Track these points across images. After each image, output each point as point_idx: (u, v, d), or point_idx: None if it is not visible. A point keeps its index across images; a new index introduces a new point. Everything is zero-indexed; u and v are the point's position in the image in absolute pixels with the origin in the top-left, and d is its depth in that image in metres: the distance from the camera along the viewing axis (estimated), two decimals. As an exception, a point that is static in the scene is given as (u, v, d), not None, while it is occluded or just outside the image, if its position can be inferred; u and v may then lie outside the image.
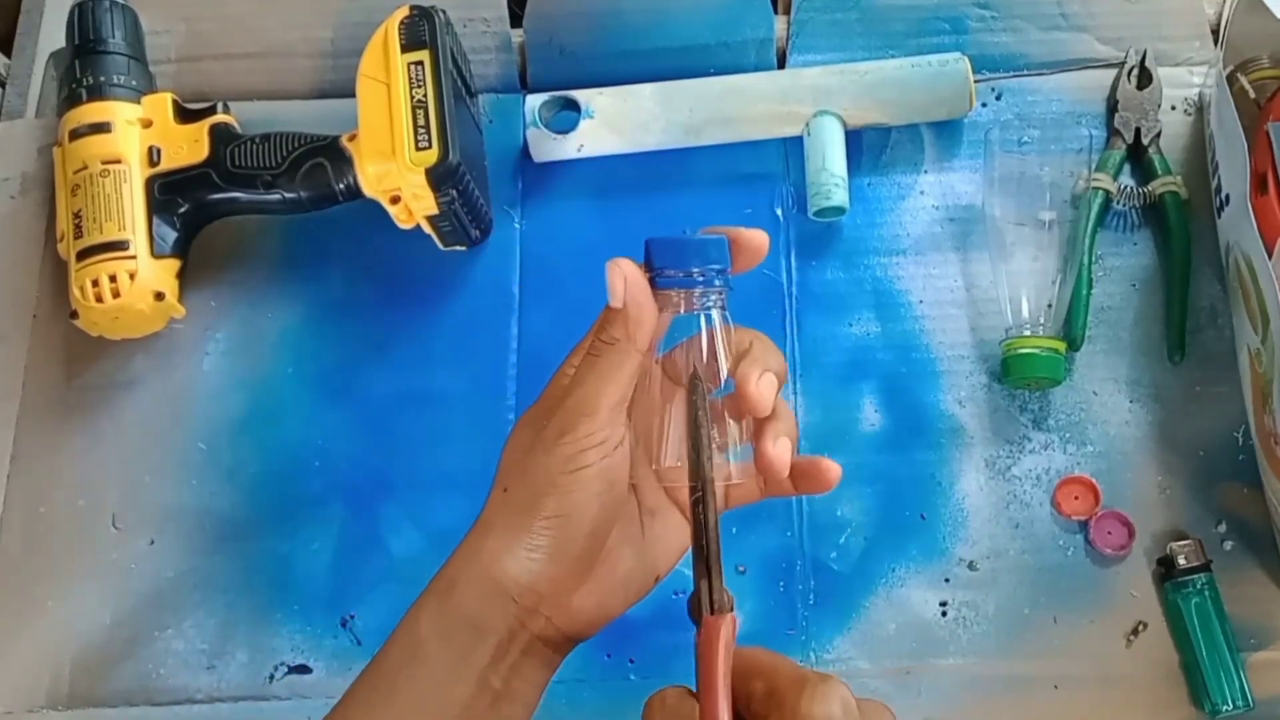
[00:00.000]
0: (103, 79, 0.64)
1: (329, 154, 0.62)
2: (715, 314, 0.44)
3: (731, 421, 0.45)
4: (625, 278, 0.42)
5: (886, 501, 0.62)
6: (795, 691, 0.37)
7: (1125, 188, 0.66)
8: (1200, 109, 0.69)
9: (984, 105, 0.70)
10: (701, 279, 0.43)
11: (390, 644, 0.44)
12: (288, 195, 0.63)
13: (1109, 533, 0.60)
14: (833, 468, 0.47)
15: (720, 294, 0.44)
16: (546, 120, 0.68)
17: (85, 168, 0.63)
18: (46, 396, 0.65)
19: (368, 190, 0.62)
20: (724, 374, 0.44)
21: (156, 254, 0.63)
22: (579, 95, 0.67)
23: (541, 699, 0.45)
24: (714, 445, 0.43)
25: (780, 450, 0.44)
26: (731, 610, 0.41)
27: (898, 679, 0.59)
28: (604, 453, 0.43)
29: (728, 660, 0.39)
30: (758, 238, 0.45)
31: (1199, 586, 0.58)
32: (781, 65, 0.71)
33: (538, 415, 0.45)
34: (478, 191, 0.64)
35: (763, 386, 0.43)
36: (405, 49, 0.61)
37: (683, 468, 0.43)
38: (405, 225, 0.63)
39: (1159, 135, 0.67)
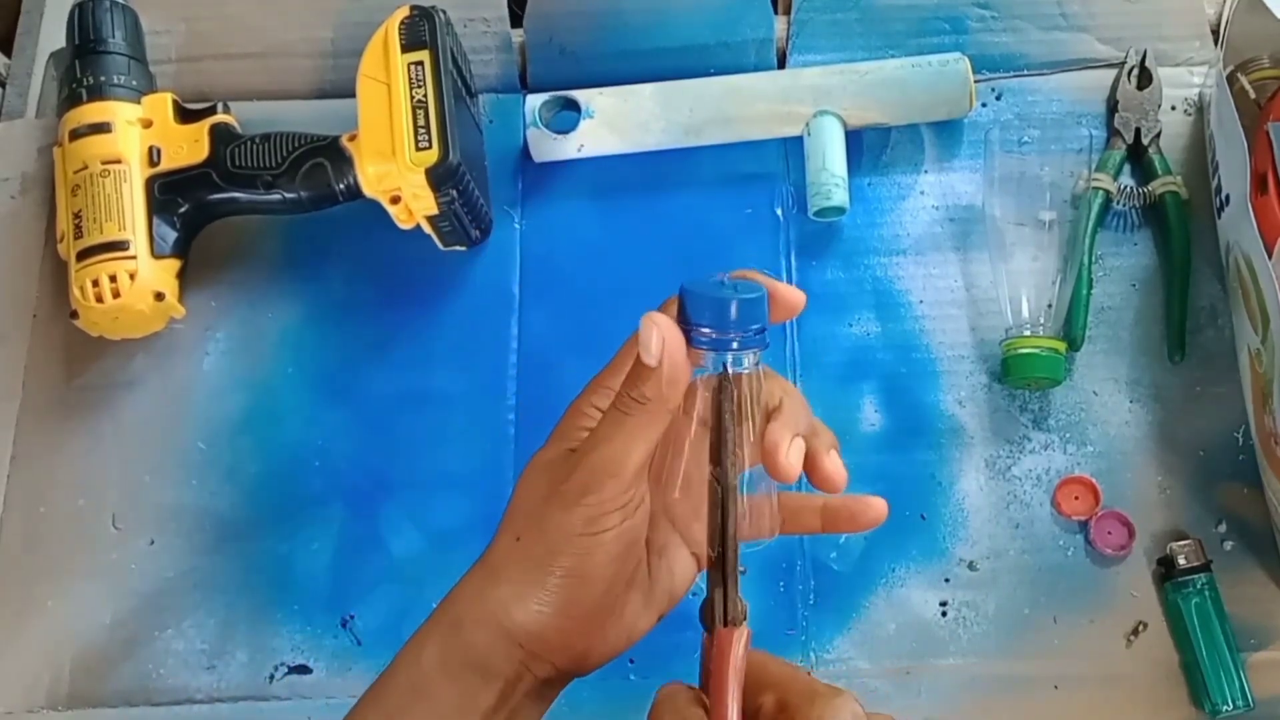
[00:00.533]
0: (103, 79, 0.64)
1: (329, 154, 0.62)
2: (749, 372, 0.42)
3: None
4: (664, 338, 0.40)
5: (886, 501, 0.62)
6: (806, 706, 0.37)
7: (1125, 188, 0.66)
8: (1200, 109, 0.69)
9: (984, 105, 0.70)
10: (739, 343, 0.41)
11: (393, 675, 0.44)
12: (288, 195, 0.63)
13: (1109, 533, 0.60)
14: (880, 503, 0.46)
15: (757, 353, 0.42)
16: (546, 120, 0.68)
17: (85, 168, 0.63)
18: (46, 396, 0.65)
19: (368, 190, 0.62)
20: (754, 431, 0.43)
21: (156, 254, 0.63)
22: (579, 95, 0.67)
23: None
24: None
25: (836, 464, 0.44)
26: (745, 620, 0.41)
27: (898, 679, 0.59)
28: (626, 515, 0.42)
29: (739, 676, 0.39)
30: (795, 297, 0.43)
31: (1199, 586, 0.58)
32: (781, 65, 0.71)
33: (555, 462, 0.43)
34: (478, 191, 0.64)
35: (793, 456, 0.42)
36: (405, 49, 0.61)
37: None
38: (405, 225, 0.63)
39: (1159, 135, 0.67)
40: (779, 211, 0.68)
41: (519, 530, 0.43)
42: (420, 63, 0.61)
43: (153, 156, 0.63)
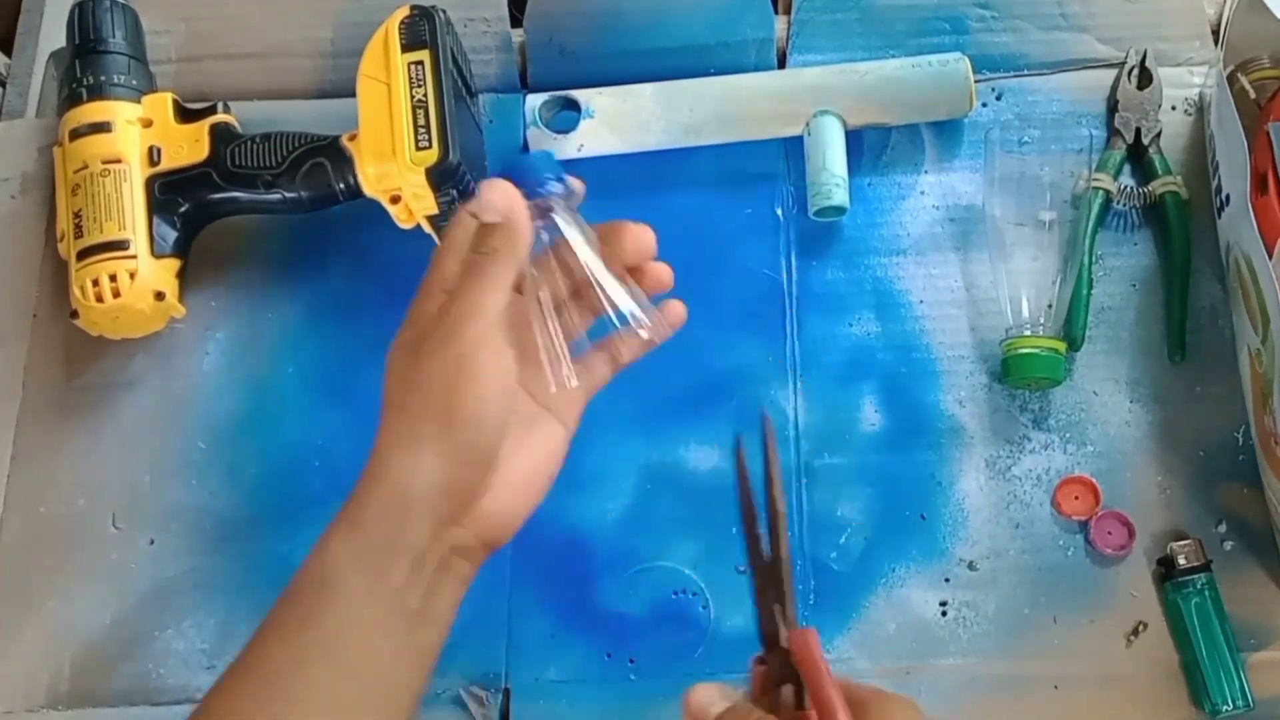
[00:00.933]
0: (103, 79, 0.64)
1: (329, 154, 0.62)
2: (565, 216, 0.48)
3: (573, 312, 0.49)
4: (504, 193, 0.45)
5: (886, 501, 0.62)
6: (876, 705, 0.39)
7: (1125, 188, 0.66)
8: (1200, 109, 0.69)
9: (984, 105, 0.70)
10: (544, 187, 0.47)
11: (301, 576, 0.44)
12: (288, 195, 0.63)
13: (1109, 533, 0.60)
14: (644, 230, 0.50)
15: (563, 200, 0.48)
16: (546, 120, 0.68)
17: (85, 167, 0.63)
18: (46, 396, 0.65)
19: (368, 190, 0.62)
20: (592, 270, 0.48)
21: (156, 254, 0.63)
22: (579, 95, 0.67)
23: (455, 618, 0.45)
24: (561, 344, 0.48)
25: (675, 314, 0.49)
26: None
27: (898, 679, 0.59)
28: (495, 352, 0.44)
29: (827, 667, 0.40)
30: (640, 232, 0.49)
31: (1199, 586, 0.58)
32: (782, 65, 0.71)
33: (413, 338, 0.45)
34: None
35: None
36: (405, 49, 0.61)
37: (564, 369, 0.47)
38: (405, 225, 0.63)
39: (1159, 135, 0.67)
40: (779, 211, 0.68)
41: (399, 400, 0.45)
42: (420, 62, 0.61)
43: (153, 156, 0.63)
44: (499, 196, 0.45)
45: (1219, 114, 0.64)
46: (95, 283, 0.61)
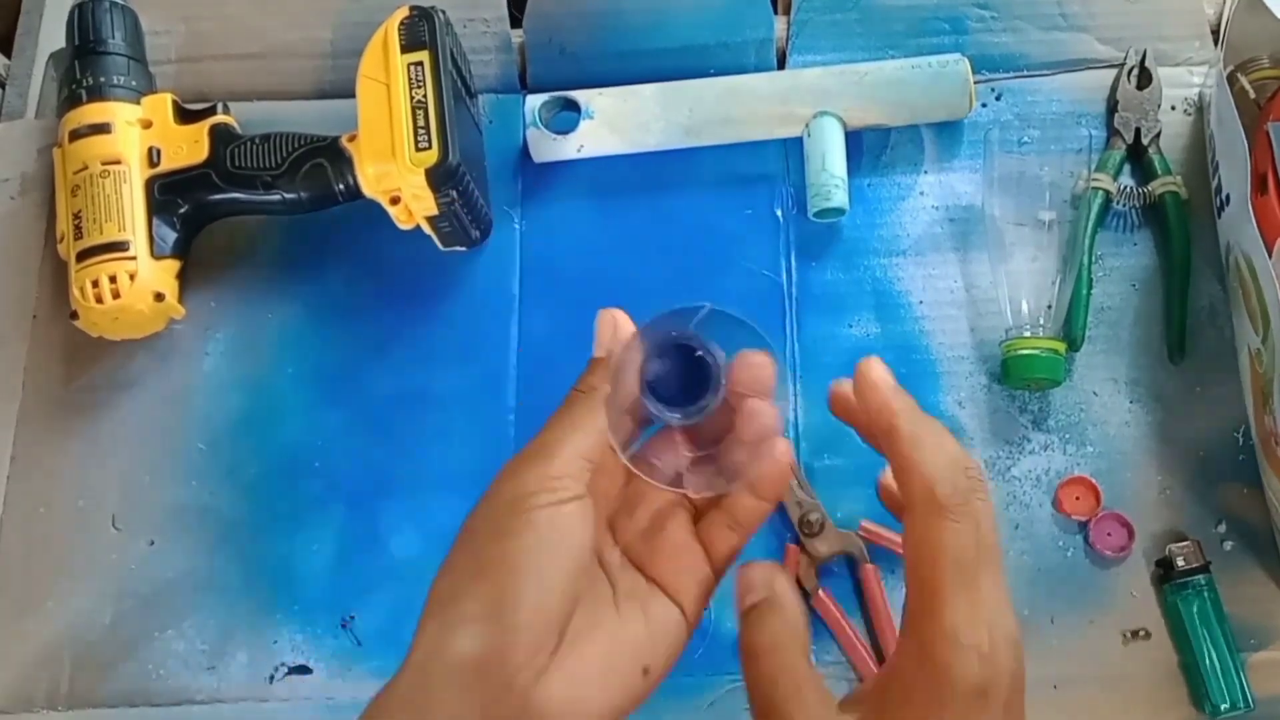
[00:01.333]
0: (103, 80, 0.64)
1: (329, 154, 0.62)
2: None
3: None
4: (615, 327, 0.40)
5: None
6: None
7: (1125, 188, 0.66)
8: (1200, 109, 0.69)
9: (984, 105, 0.70)
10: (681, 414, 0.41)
11: None
12: (288, 196, 0.63)
13: (1109, 534, 0.60)
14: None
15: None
16: (546, 120, 0.68)
17: (85, 168, 0.63)
18: (46, 397, 0.65)
19: (368, 190, 0.62)
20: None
21: (156, 254, 0.63)
22: (579, 95, 0.67)
23: None
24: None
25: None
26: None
27: (897, 679, 0.59)
28: (555, 499, 0.37)
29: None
30: (761, 365, 0.42)
31: (1198, 587, 0.58)
32: (781, 66, 0.71)
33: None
34: (478, 192, 0.64)
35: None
36: (405, 49, 0.61)
37: None
38: (405, 225, 0.63)
39: (1159, 135, 0.67)
40: (779, 212, 0.68)
41: (449, 558, 0.39)
42: (420, 63, 0.61)
43: (152, 157, 0.63)
44: (605, 328, 0.40)
45: (1219, 114, 0.64)
46: (95, 284, 0.61)
